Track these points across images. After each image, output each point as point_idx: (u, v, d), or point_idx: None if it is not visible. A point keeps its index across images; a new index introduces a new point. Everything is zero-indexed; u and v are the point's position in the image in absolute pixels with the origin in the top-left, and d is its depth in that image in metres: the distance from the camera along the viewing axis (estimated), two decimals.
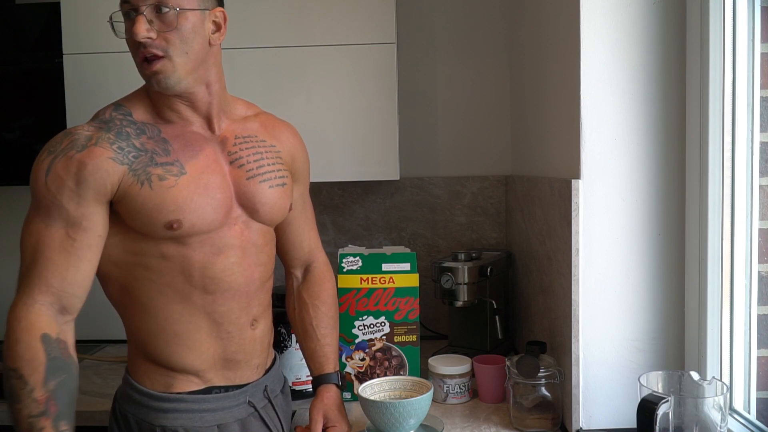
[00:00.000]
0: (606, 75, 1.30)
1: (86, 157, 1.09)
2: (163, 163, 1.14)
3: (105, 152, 1.10)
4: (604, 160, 1.31)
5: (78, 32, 1.79)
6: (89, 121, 1.16)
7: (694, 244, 1.29)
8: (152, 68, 1.11)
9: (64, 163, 1.08)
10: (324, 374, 1.38)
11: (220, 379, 1.23)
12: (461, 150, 2.15)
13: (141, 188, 1.11)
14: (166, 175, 1.13)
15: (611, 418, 1.34)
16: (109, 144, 1.11)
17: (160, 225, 1.13)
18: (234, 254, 1.21)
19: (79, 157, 1.09)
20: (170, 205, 1.12)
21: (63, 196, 1.08)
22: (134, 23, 1.10)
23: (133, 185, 1.11)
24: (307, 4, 1.78)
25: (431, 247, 2.14)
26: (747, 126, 1.18)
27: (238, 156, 1.23)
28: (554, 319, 1.46)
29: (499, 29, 2.11)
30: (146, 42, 1.09)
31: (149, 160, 1.13)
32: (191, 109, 1.19)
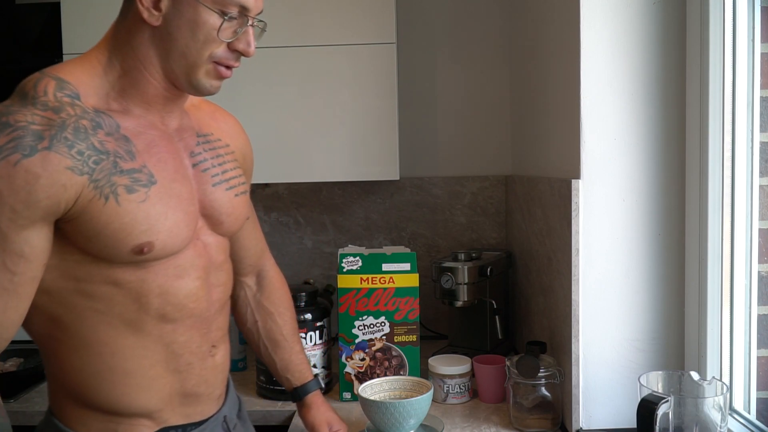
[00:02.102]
0: (606, 75, 1.30)
1: (38, 165, 0.83)
2: (129, 170, 0.92)
3: (62, 160, 0.85)
4: (604, 160, 1.31)
5: (78, 32, 1.79)
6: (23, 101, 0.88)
7: (694, 244, 1.29)
8: (228, 77, 0.98)
9: (4, 171, 0.82)
10: (309, 382, 1.32)
11: (178, 418, 1.04)
12: (461, 150, 2.15)
13: (105, 204, 0.89)
14: (134, 186, 0.91)
15: (611, 418, 1.34)
16: (66, 148, 0.86)
17: (126, 249, 0.92)
18: (197, 276, 1.02)
19: (28, 165, 0.83)
20: (141, 224, 0.92)
21: (2, 218, 0.83)
22: (248, 34, 0.96)
23: (94, 201, 0.88)
24: (307, 4, 1.78)
25: (431, 247, 2.14)
26: (747, 126, 1.18)
27: (203, 158, 1.05)
28: (554, 319, 1.46)
29: (499, 29, 2.11)
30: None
31: (112, 165, 0.90)
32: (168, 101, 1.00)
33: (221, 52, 0.95)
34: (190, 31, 0.93)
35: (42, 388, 1.74)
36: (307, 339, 1.59)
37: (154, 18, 0.92)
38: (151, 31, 0.94)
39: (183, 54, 0.94)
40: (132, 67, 0.95)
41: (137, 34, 0.94)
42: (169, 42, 0.94)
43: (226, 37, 0.94)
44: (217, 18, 0.93)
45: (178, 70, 0.95)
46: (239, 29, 0.95)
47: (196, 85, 0.97)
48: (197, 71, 0.95)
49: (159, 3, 0.92)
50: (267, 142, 1.81)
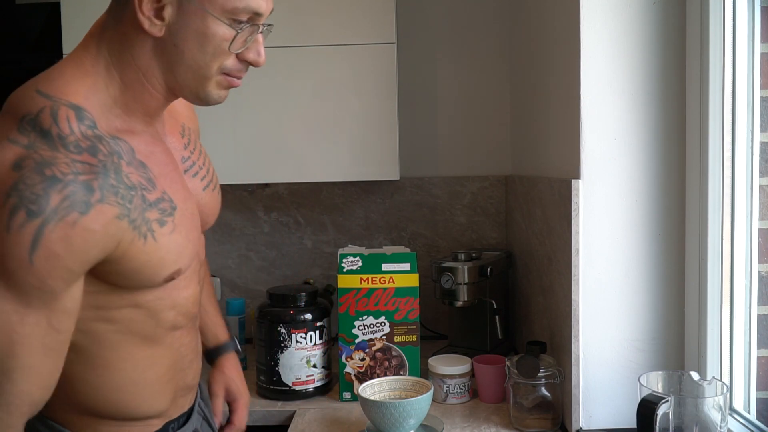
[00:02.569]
0: (606, 75, 1.30)
1: (95, 222, 0.78)
2: (155, 202, 0.87)
3: (112, 209, 0.80)
4: (604, 160, 1.31)
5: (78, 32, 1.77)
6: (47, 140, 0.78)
7: (694, 244, 1.29)
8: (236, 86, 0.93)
9: (62, 233, 0.75)
10: (220, 344, 1.26)
11: (177, 410, 1.06)
12: (461, 150, 2.15)
13: (144, 243, 0.85)
14: (163, 218, 0.88)
15: (611, 418, 1.34)
16: (113, 195, 0.80)
17: (160, 279, 0.90)
18: (197, 281, 1.03)
19: (86, 223, 0.77)
20: (173, 254, 0.90)
21: (56, 279, 0.77)
22: (258, 45, 0.90)
23: (134, 242, 0.84)
24: (307, 4, 1.78)
25: (431, 247, 2.14)
26: (747, 126, 1.18)
27: (192, 162, 1.02)
28: (554, 319, 1.46)
29: (499, 29, 2.11)
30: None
31: (142, 200, 0.85)
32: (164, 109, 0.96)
33: (231, 63, 0.89)
34: (198, 44, 0.85)
35: None
36: (307, 339, 1.59)
37: (156, 28, 0.84)
38: (154, 41, 0.86)
39: (190, 67, 0.87)
40: (134, 80, 0.87)
41: (137, 43, 0.86)
42: (175, 55, 0.86)
43: (237, 48, 0.88)
44: (227, 29, 0.86)
45: (184, 84, 0.89)
46: (249, 38, 0.89)
47: (205, 97, 0.91)
48: (207, 84, 0.89)
49: (162, 12, 0.84)
50: (267, 142, 1.81)
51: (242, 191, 2.12)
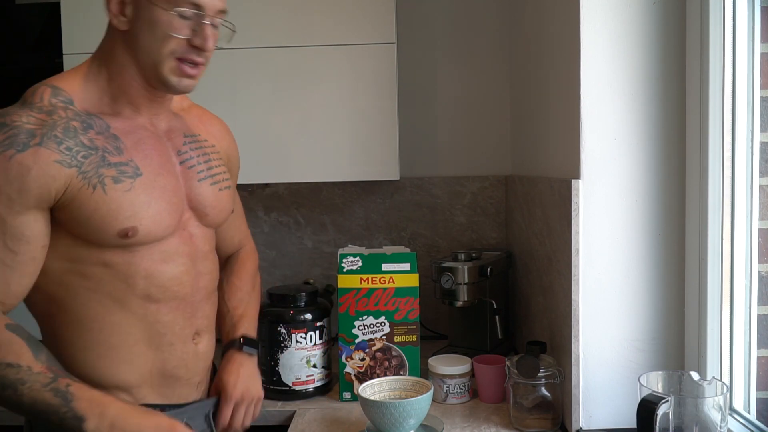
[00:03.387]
0: (606, 75, 1.30)
1: (29, 159, 0.95)
2: (117, 163, 1.03)
3: (51, 154, 0.97)
4: (604, 160, 1.31)
5: (78, 32, 1.79)
6: (22, 105, 1.01)
7: (694, 244, 1.29)
8: (193, 74, 1.06)
9: (1, 164, 0.94)
10: (229, 340, 1.28)
11: (156, 397, 1.11)
12: (461, 150, 2.15)
13: (93, 192, 1.00)
14: (120, 177, 1.03)
15: (611, 418, 1.33)
16: (56, 144, 0.98)
17: (113, 233, 1.02)
18: (182, 262, 1.12)
19: (20, 158, 0.95)
20: (126, 210, 1.02)
21: (3, 207, 0.95)
22: (204, 30, 1.04)
23: (82, 189, 0.99)
24: (307, 4, 1.78)
25: (431, 247, 2.14)
26: (747, 126, 1.18)
27: (189, 156, 1.15)
28: (554, 319, 1.46)
29: (499, 29, 2.11)
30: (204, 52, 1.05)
31: (101, 159, 1.01)
32: (153, 103, 1.11)
33: (180, 48, 1.04)
34: (150, 31, 1.02)
35: None
36: (307, 339, 1.59)
37: (122, 23, 1.04)
38: (123, 36, 1.05)
39: (146, 52, 1.04)
40: (116, 72, 1.06)
41: (114, 41, 1.06)
42: (135, 43, 1.04)
43: (180, 33, 1.03)
44: (172, 17, 1.02)
45: (146, 69, 1.05)
46: (196, 27, 1.04)
47: (164, 81, 1.06)
48: (161, 68, 1.04)
49: (124, 9, 1.03)
50: (267, 142, 1.81)
51: (242, 191, 2.12)
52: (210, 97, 1.40)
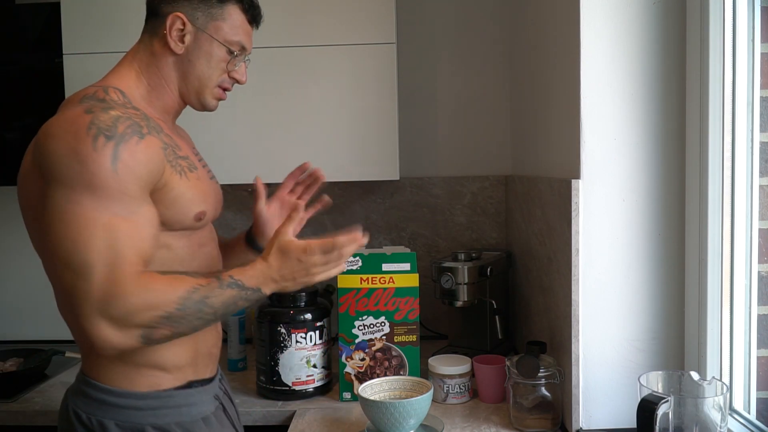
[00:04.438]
0: (606, 75, 1.30)
1: (149, 145, 1.06)
2: (183, 156, 1.16)
3: (158, 142, 1.09)
4: (604, 160, 1.31)
5: (78, 32, 1.79)
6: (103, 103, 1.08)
7: (694, 244, 1.29)
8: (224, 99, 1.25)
9: (130, 150, 1.03)
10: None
11: (198, 373, 1.23)
12: (461, 150, 2.15)
13: (180, 178, 1.12)
14: (190, 167, 1.16)
15: (611, 418, 1.34)
16: (156, 133, 1.10)
17: (191, 215, 1.14)
18: (214, 246, 1.27)
19: (145, 144, 1.05)
20: (200, 195, 1.16)
21: (134, 186, 1.04)
22: (243, 67, 1.25)
23: (173, 175, 1.11)
24: (307, 4, 1.78)
25: (431, 247, 2.14)
26: (747, 126, 1.18)
27: (200, 158, 1.28)
28: (554, 319, 1.46)
29: (499, 29, 2.11)
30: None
31: (173, 152, 1.13)
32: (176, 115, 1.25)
33: (224, 78, 1.23)
34: (206, 61, 1.20)
35: (42, 388, 1.75)
36: (307, 339, 1.59)
37: (179, 48, 1.17)
38: (175, 57, 1.19)
39: (198, 78, 1.20)
40: (157, 84, 1.19)
41: (162, 58, 1.19)
42: (189, 67, 1.19)
43: (231, 68, 1.22)
44: (225, 53, 1.20)
45: (191, 90, 1.21)
46: (239, 63, 1.24)
47: (203, 102, 1.23)
48: (206, 92, 1.22)
49: (183, 37, 1.17)
50: (267, 142, 1.81)
51: (242, 191, 2.12)
52: None
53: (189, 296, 1.03)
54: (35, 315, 2.17)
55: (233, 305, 1.08)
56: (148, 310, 1.01)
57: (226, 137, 1.81)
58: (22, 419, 1.60)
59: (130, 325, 1.01)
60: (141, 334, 1.02)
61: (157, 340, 1.05)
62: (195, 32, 1.18)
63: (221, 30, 1.19)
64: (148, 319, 1.01)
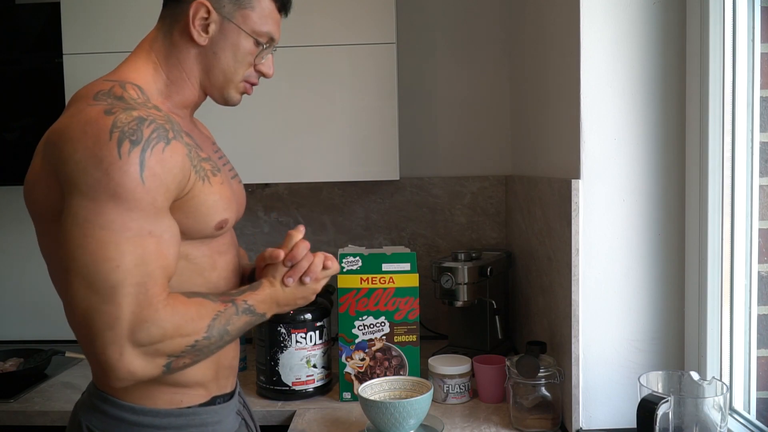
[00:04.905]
0: (606, 75, 1.30)
1: (175, 151, 0.96)
2: (206, 159, 1.06)
3: (182, 148, 0.98)
4: (604, 160, 1.31)
5: (78, 32, 1.79)
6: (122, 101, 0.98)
7: (694, 244, 1.29)
8: (250, 93, 1.15)
9: (157, 157, 0.93)
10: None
11: (220, 388, 1.16)
12: (461, 150, 2.15)
13: (203, 184, 1.02)
14: (214, 171, 1.06)
15: (611, 418, 1.34)
16: (181, 137, 0.99)
17: (213, 223, 1.05)
18: (234, 253, 1.17)
19: (170, 151, 0.95)
20: (223, 202, 1.06)
21: (162, 197, 0.94)
22: (270, 59, 1.14)
23: (197, 181, 1.01)
24: (307, 4, 1.78)
25: (431, 247, 2.14)
26: (747, 126, 1.18)
27: (220, 155, 1.19)
28: (554, 319, 1.46)
29: (499, 29, 2.11)
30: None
31: (196, 154, 1.04)
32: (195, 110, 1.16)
33: (251, 72, 1.12)
34: (232, 53, 1.09)
35: (42, 388, 1.74)
36: (307, 339, 1.59)
37: (202, 39, 1.07)
38: (198, 49, 1.08)
39: (223, 71, 1.10)
40: (178, 78, 1.09)
41: (184, 50, 1.08)
42: (213, 60, 1.09)
43: (258, 61, 1.12)
44: (253, 44, 1.10)
45: (215, 84, 1.11)
46: (266, 55, 1.13)
47: (227, 97, 1.13)
48: (231, 87, 1.12)
49: (208, 27, 1.07)
50: (267, 142, 1.81)
51: None
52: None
53: (213, 324, 0.99)
54: (35, 315, 2.17)
55: (245, 329, 1.06)
56: (179, 337, 0.95)
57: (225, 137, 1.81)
58: (22, 419, 1.60)
59: (159, 353, 0.94)
60: (165, 363, 0.96)
61: (175, 370, 0.98)
62: (221, 21, 1.07)
63: (249, 19, 1.08)
64: (176, 346, 0.95)
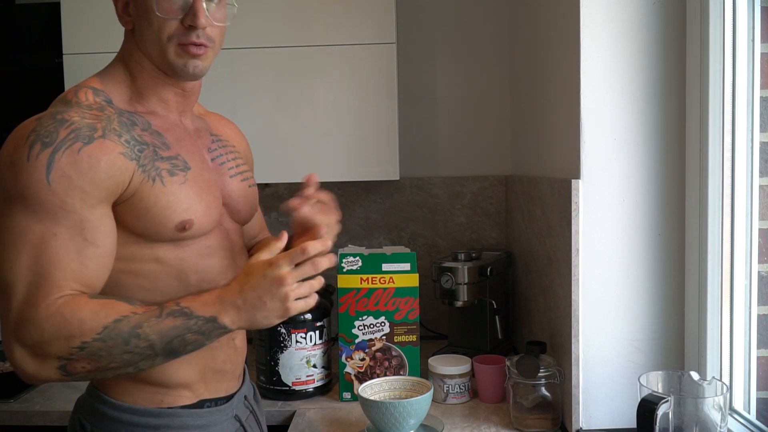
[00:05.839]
0: (606, 75, 1.30)
1: (97, 151, 0.94)
2: (168, 158, 1.03)
3: (115, 146, 0.96)
4: (604, 160, 1.31)
5: (78, 32, 1.79)
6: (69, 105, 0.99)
7: (694, 244, 1.29)
8: (197, 54, 1.04)
9: (69, 158, 0.92)
10: None
11: (210, 392, 1.13)
12: (461, 150, 2.15)
13: (153, 185, 1.00)
14: (174, 170, 1.03)
15: (611, 418, 1.34)
16: (116, 136, 0.97)
17: (171, 226, 1.02)
18: (225, 255, 1.13)
19: (89, 151, 0.93)
20: (183, 203, 1.02)
21: (74, 199, 0.93)
22: (193, 7, 1.02)
23: (143, 182, 0.99)
24: (307, 5, 1.78)
25: (431, 247, 2.14)
26: (747, 126, 1.18)
27: (219, 154, 1.17)
28: (554, 319, 1.46)
29: (499, 29, 2.11)
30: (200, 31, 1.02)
31: (153, 153, 1.01)
32: (180, 98, 1.11)
33: (177, 31, 1.03)
34: (147, 21, 1.03)
35: (42, 388, 1.74)
36: (307, 339, 1.59)
37: (127, 22, 1.06)
38: (131, 34, 1.07)
39: (150, 42, 1.04)
40: (137, 71, 1.07)
41: (128, 41, 1.08)
42: (141, 37, 1.05)
43: (168, 14, 1.02)
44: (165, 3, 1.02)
45: (156, 60, 1.05)
46: (185, 5, 1.02)
47: (174, 67, 1.05)
48: (167, 54, 1.04)
49: (127, 8, 1.06)
50: (267, 142, 1.81)
51: None
52: (210, 97, 1.40)
53: (114, 326, 0.92)
54: None
55: (179, 338, 0.95)
56: (62, 339, 0.91)
57: None
58: (22, 419, 1.59)
59: (45, 354, 0.92)
60: (58, 366, 0.92)
61: (78, 375, 0.94)
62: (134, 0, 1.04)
63: None
64: (62, 349, 0.91)
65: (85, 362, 0.92)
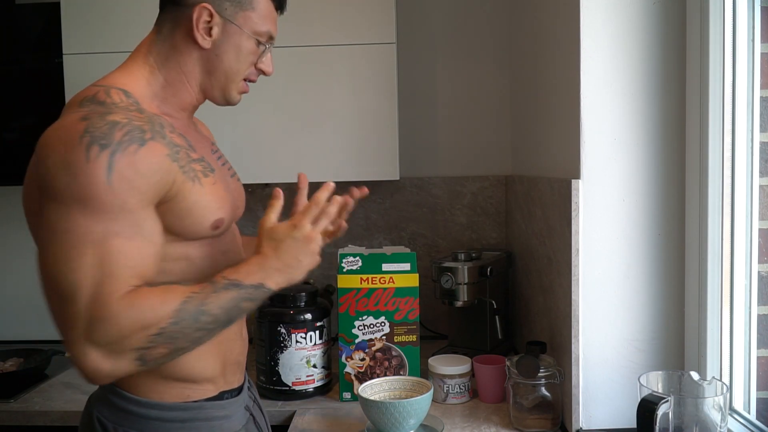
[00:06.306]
0: (606, 75, 1.30)
1: (150, 153, 0.96)
2: (197, 159, 1.06)
3: (162, 149, 0.98)
4: (604, 160, 1.31)
5: (78, 32, 1.79)
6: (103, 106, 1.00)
7: (694, 244, 1.29)
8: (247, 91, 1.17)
9: (128, 159, 0.93)
10: None
11: (227, 384, 1.17)
12: (461, 150, 2.15)
13: (193, 186, 1.02)
14: (206, 171, 1.06)
15: (611, 418, 1.34)
16: (162, 138, 0.99)
17: (207, 225, 1.06)
18: (237, 252, 1.18)
19: (144, 153, 0.95)
20: (217, 202, 1.07)
21: (133, 199, 0.94)
22: (269, 58, 1.17)
23: (185, 183, 1.01)
24: (306, 5, 1.78)
25: (431, 247, 2.14)
26: (747, 126, 1.18)
27: (219, 155, 1.20)
28: (554, 319, 1.46)
29: (499, 29, 2.11)
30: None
31: (186, 155, 1.03)
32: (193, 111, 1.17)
33: (251, 71, 1.15)
34: (235, 54, 1.11)
35: (42, 388, 1.74)
36: (307, 339, 1.59)
37: (206, 42, 1.08)
38: (200, 52, 1.09)
39: (225, 72, 1.11)
40: (176, 80, 1.10)
41: (185, 53, 1.09)
42: (216, 62, 1.10)
43: (259, 59, 1.15)
44: (254, 44, 1.12)
45: (216, 85, 1.12)
46: (265, 53, 1.16)
47: (228, 97, 1.14)
48: (232, 87, 1.13)
49: (211, 30, 1.08)
50: (267, 142, 1.81)
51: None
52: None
53: (183, 307, 0.96)
54: (35, 315, 2.17)
55: (236, 308, 1.01)
56: (141, 330, 0.93)
57: (225, 137, 1.81)
58: (22, 419, 1.60)
59: (123, 349, 0.93)
60: (136, 357, 0.95)
61: (155, 361, 0.97)
62: (223, 24, 1.08)
63: (250, 20, 1.10)
64: (141, 340, 0.94)
65: (162, 348, 0.96)
